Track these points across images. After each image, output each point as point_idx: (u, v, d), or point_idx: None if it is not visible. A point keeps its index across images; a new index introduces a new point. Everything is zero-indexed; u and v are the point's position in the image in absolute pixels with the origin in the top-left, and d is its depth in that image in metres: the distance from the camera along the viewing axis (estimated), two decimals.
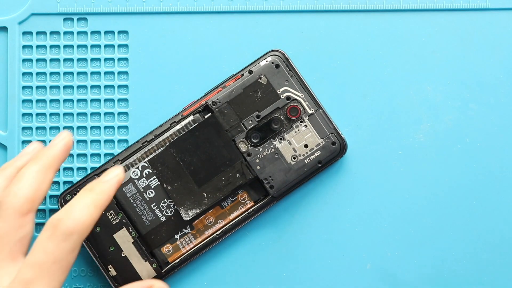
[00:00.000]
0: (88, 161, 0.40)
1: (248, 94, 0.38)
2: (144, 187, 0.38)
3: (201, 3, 0.41)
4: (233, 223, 0.38)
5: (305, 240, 0.40)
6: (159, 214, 0.38)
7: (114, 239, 0.38)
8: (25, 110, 0.41)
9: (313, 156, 0.38)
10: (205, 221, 0.38)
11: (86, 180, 0.38)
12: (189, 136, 0.38)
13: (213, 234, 0.38)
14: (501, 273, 0.39)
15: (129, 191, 0.38)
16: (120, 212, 0.38)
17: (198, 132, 0.38)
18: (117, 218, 0.38)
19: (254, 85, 0.38)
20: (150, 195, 0.38)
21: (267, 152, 0.38)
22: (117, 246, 0.38)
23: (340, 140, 0.38)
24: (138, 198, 0.38)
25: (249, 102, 0.38)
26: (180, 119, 0.38)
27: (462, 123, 0.40)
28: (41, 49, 0.41)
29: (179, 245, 0.38)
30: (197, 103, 0.39)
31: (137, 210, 0.38)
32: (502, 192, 0.40)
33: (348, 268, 0.39)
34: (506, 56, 0.40)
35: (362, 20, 0.41)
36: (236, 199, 0.39)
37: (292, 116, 0.38)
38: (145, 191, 0.38)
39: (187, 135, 0.38)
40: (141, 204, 0.38)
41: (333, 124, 0.38)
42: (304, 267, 0.40)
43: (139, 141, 0.39)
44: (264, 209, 0.38)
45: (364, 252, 0.40)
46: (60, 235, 0.30)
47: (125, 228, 0.38)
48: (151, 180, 0.38)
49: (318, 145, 0.38)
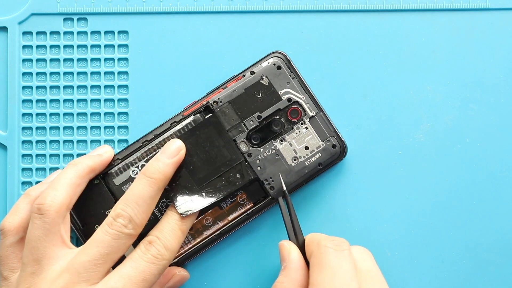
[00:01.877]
0: None
1: (249, 94, 0.38)
2: None
3: (201, 3, 0.41)
4: (232, 224, 0.38)
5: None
6: (158, 213, 0.38)
7: None
8: (25, 110, 0.41)
9: (314, 158, 0.38)
10: (204, 221, 0.38)
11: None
12: (189, 136, 0.38)
13: (211, 235, 0.38)
14: (501, 273, 0.39)
15: None
16: None
17: (198, 131, 0.38)
18: None
19: (255, 86, 0.38)
20: None
21: (267, 153, 0.38)
22: None
23: (341, 143, 0.38)
24: None
25: (250, 102, 0.38)
26: (180, 119, 0.38)
27: (462, 123, 0.40)
28: (41, 49, 0.41)
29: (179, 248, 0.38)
30: (198, 103, 0.38)
31: None
32: (502, 192, 0.40)
33: None
34: (506, 56, 0.40)
35: (362, 20, 0.41)
36: (235, 200, 0.38)
37: (293, 118, 0.38)
38: None
39: (188, 134, 0.38)
40: None
41: (333, 126, 0.38)
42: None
43: (139, 140, 0.39)
44: (263, 210, 0.38)
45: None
46: (153, 259, 0.34)
47: None
48: None
49: (319, 147, 0.38)
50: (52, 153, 0.41)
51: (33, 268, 0.34)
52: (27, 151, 0.41)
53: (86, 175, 0.36)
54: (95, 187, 0.38)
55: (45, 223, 0.34)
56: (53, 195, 0.35)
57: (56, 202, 0.34)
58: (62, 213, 0.35)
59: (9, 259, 0.36)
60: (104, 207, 0.38)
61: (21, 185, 0.40)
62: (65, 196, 0.35)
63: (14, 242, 0.36)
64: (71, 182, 0.36)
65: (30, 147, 0.41)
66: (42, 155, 0.41)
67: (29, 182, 0.40)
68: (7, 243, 0.36)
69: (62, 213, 0.35)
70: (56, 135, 0.41)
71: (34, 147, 0.41)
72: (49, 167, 0.40)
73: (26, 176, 0.40)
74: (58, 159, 0.41)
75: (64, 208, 0.35)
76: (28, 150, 0.41)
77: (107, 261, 0.34)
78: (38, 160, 0.41)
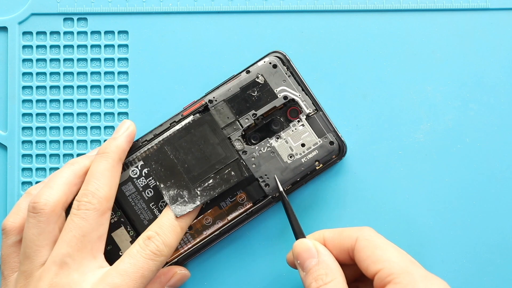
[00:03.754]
0: None
1: (245, 93, 0.38)
2: (143, 186, 0.38)
3: (201, 3, 0.41)
4: (231, 224, 0.38)
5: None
6: (157, 213, 0.38)
7: (112, 238, 0.38)
8: (25, 110, 0.41)
9: (310, 155, 0.38)
10: (204, 221, 0.38)
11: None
12: (184, 134, 0.38)
13: (211, 235, 0.38)
14: (501, 273, 0.39)
15: (128, 190, 0.38)
16: (119, 211, 0.38)
17: (193, 129, 0.38)
18: (115, 217, 0.38)
19: (251, 85, 0.38)
20: (149, 194, 0.38)
21: (263, 151, 0.38)
22: (115, 245, 0.38)
23: (339, 141, 0.38)
24: (137, 197, 0.38)
25: (246, 101, 0.38)
26: (180, 119, 0.38)
27: (462, 123, 0.40)
28: (41, 49, 0.41)
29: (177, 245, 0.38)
30: (197, 103, 0.38)
31: (136, 209, 0.38)
32: (502, 192, 0.40)
33: None
34: (506, 56, 0.40)
35: (362, 20, 0.41)
36: (234, 199, 0.38)
37: (292, 118, 0.38)
38: (144, 190, 0.38)
39: (182, 132, 0.37)
40: (140, 203, 0.38)
41: (332, 125, 0.38)
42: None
43: (138, 140, 0.38)
44: (263, 210, 0.38)
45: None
46: (151, 254, 0.34)
47: (123, 227, 0.38)
48: (150, 179, 0.38)
49: (316, 144, 0.38)
50: (52, 153, 0.41)
51: (26, 267, 0.34)
52: (27, 151, 0.41)
53: (83, 175, 0.36)
54: None
55: (39, 221, 0.34)
56: (48, 194, 0.35)
57: (51, 201, 0.34)
58: (57, 212, 0.35)
59: (10, 258, 0.36)
60: None
61: (21, 185, 0.40)
62: (60, 194, 0.35)
63: (16, 241, 0.36)
64: (67, 181, 0.35)
65: (30, 147, 0.41)
66: (42, 155, 0.41)
67: (29, 182, 0.40)
68: (8, 242, 0.36)
69: (57, 212, 0.34)
70: (56, 135, 0.41)
71: (34, 147, 0.41)
72: (49, 167, 0.40)
73: (26, 176, 0.40)
74: (58, 159, 0.41)
75: (59, 206, 0.35)
76: (28, 150, 0.41)
77: (86, 243, 0.34)
78: (38, 160, 0.41)
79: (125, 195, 0.38)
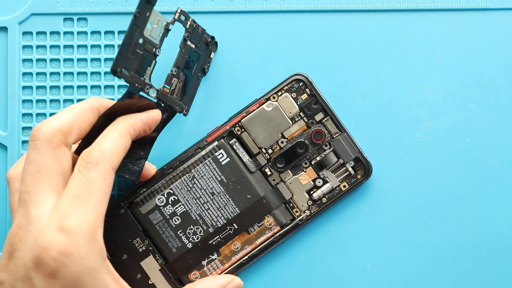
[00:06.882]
0: None
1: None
2: (170, 214, 0.38)
3: (201, 3, 0.41)
4: (259, 248, 0.38)
5: (305, 240, 0.40)
6: (185, 241, 0.38)
7: (141, 267, 0.38)
8: (25, 110, 0.41)
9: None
10: (232, 247, 0.38)
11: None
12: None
13: (239, 260, 0.38)
14: (501, 273, 0.39)
15: (155, 218, 0.38)
16: (147, 240, 0.38)
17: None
18: (144, 245, 0.38)
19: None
20: (176, 221, 0.38)
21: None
22: (144, 274, 0.38)
23: (365, 162, 0.38)
24: (164, 225, 0.38)
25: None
26: (204, 145, 0.38)
27: (462, 123, 0.40)
28: (41, 49, 0.41)
29: (206, 271, 0.38)
30: (222, 129, 0.39)
31: (164, 237, 0.38)
32: (502, 191, 0.40)
33: (348, 268, 0.39)
34: (506, 56, 0.40)
35: (362, 20, 0.41)
36: (262, 224, 0.38)
37: (317, 140, 0.38)
38: (171, 218, 0.38)
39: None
40: (168, 231, 0.38)
41: (357, 146, 0.39)
42: (304, 266, 0.40)
43: (163, 168, 0.38)
44: (290, 233, 0.38)
45: (364, 252, 0.40)
46: (88, 165, 0.31)
47: (152, 256, 0.38)
48: (177, 207, 0.38)
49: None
50: None
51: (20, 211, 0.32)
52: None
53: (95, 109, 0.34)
54: (121, 217, 0.38)
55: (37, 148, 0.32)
56: (50, 120, 0.32)
57: (49, 127, 0.32)
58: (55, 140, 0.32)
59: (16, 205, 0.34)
60: (131, 236, 0.38)
61: None
62: (61, 122, 0.32)
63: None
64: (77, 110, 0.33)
65: None
66: None
67: None
68: (13, 190, 0.35)
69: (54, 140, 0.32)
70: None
71: None
72: None
73: None
74: None
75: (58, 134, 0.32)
76: None
77: (44, 178, 0.31)
78: None
79: (153, 224, 0.38)
